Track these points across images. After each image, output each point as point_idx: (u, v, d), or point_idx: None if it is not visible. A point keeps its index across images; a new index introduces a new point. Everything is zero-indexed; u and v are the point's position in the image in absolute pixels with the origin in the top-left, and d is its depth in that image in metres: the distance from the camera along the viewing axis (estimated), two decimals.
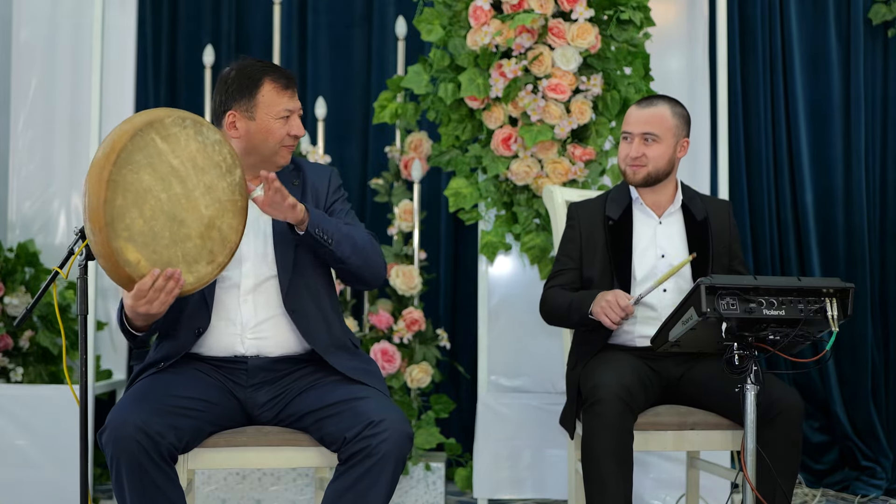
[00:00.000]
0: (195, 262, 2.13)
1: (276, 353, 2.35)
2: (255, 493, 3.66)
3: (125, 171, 2.01)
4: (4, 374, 3.77)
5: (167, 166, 2.08)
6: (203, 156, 2.13)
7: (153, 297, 2.06)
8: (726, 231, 2.86)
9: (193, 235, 2.12)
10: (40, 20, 4.14)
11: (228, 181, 2.18)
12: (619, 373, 2.55)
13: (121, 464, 2.06)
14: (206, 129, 2.15)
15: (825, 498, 3.97)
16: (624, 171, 2.81)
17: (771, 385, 2.50)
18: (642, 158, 2.77)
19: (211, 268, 2.16)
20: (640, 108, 2.80)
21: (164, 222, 2.07)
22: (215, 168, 2.15)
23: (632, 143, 2.78)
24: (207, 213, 2.14)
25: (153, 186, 2.05)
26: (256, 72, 2.34)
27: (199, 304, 2.31)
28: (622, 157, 2.81)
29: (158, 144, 2.06)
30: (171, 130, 2.09)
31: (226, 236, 2.17)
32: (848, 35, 4.33)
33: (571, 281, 2.83)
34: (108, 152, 2.01)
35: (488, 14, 3.42)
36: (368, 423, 2.13)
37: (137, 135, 2.04)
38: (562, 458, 3.61)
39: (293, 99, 2.37)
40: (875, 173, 4.36)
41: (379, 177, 4.09)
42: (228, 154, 2.18)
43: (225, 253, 2.17)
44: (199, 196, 2.12)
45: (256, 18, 4.51)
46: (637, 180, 2.79)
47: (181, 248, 2.10)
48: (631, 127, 2.79)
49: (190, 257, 2.12)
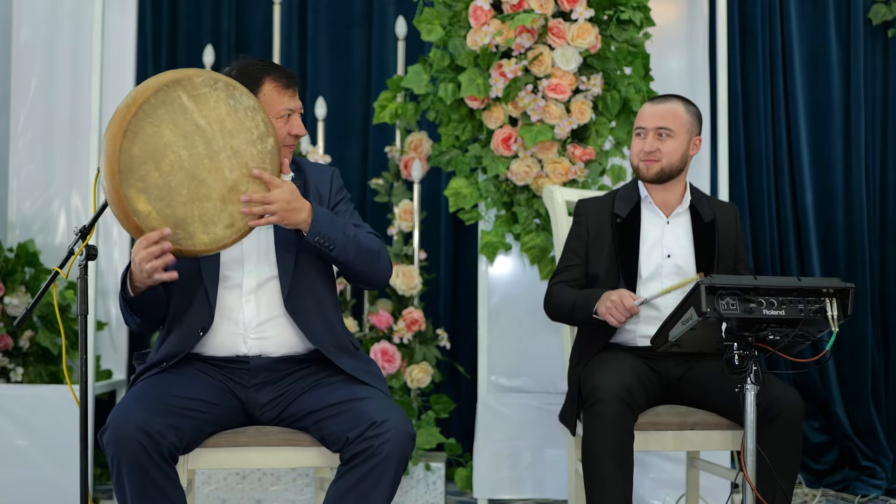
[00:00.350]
0: (212, 223, 2.11)
1: (278, 353, 2.35)
2: (255, 493, 3.66)
3: (145, 123, 2.01)
4: (4, 374, 3.77)
5: (192, 124, 2.06)
6: (233, 119, 2.11)
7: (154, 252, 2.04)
8: (732, 234, 2.86)
9: (214, 196, 2.10)
10: (40, 20, 4.14)
11: (259, 148, 2.15)
12: (620, 373, 2.55)
13: (121, 464, 2.06)
14: (239, 93, 2.13)
15: (825, 498, 3.97)
16: (637, 166, 2.80)
17: (771, 385, 2.50)
18: (656, 153, 2.76)
19: (229, 232, 2.13)
20: (654, 104, 2.81)
21: (181, 179, 2.06)
22: (245, 133, 2.13)
23: (645, 138, 2.77)
24: (231, 177, 2.11)
25: (174, 142, 2.04)
26: (257, 71, 2.34)
27: (202, 303, 2.31)
28: (635, 152, 2.80)
29: (185, 101, 2.05)
30: (200, 90, 2.08)
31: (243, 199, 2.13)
32: (848, 35, 4.33)
33: (577, 277, 2.83)
34: (130, 104, 2.01)
35: (488, 14, 3.42)
36: (371, 424, 2.13)
37: (163, 90, 2.03)
38: (562, 458, 3.61)
39: (294, 98, 2.36)
40: (875, 173, 4.36)
41: (379, 177, 4.09)
42: (262, 122, 2.16)
43: (246, 219, 2.15)
44: (224, 159, 2.10)
45: (256, 18, 4.51)
46: (650, 175, 2.79)
47: (198, 207, 2.08)
48: (645, 122, 2.78)
49: (207, 217, 2.10)
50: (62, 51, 4.13)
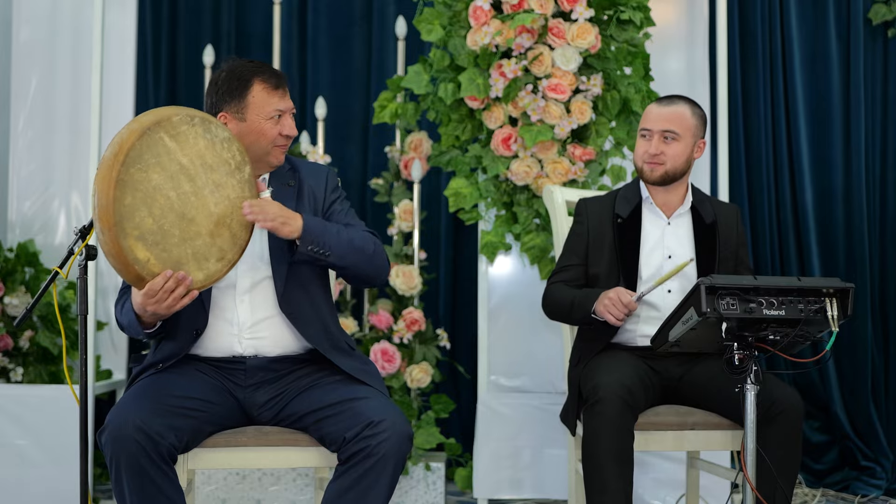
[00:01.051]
0: (205, 260, 2.13)
1: (275, 352, 2.35)
2: (255, 493, 3.66)
3: (133, 170, 2.02)
4: (4, 374, 3.77)
5: (176, 164, 2.08)
6: (212, 153, 2.14)
7: (162, 297, 2.07)
8: (734, 236, 2.86)
9: (203, 233, 2.12)
10: (40, 20, 4.14)
11: (238, 178, 2.18)
12: (620, 373, 2.55)
13: (120, 464, 2.06)
14: (214, 126, 2.16)
15: (825, 498, 3.97)
16: (640, 168, 2.80)
17: (771, 385, 2.50)
18: (661, 156, 2.75)
19: (221, 265, 2.16)
20: (661, 105, 2.79)
21: (173, 220, 2.08)
22: (224, 165, 2.16)
23: (650, 140, 2.77)
24: (217, 211, 2.14)
25: (162, 185, 2.06)
26: (246, 72, 2.33)
27: (196, 305, 2.30)
28: (639, 154, 2.79)
29: (167, 143, 2.07)
30: (179, 129, 2.09)
31: (235, 233, 2.18)
32: (848, 35, 4.33)
33: (576, 277, 2.83)
34: (117, 152, 2.01)
35: (488, 14, 3.42)
36: (368, 424, 2.13)
37: (146, 134, 2.04)
38: (562, 458, 3.61)
39: (284, 99, 2.36)
40: (875, 173, 4.36)
41: (379, 177, 4.09)
42: (237, 151, 2.19)
43: (235, 250, 2.18)
44: (208, 194, 2.13)
45: (256, 18, 4.51)
46: (654, 178, 2.78)
47: (191, 245, 2.11)
48: (650, 124, 2.77)
49: (200, 255, 2.12)
50: (62, 51, 4.13)
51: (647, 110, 2.82)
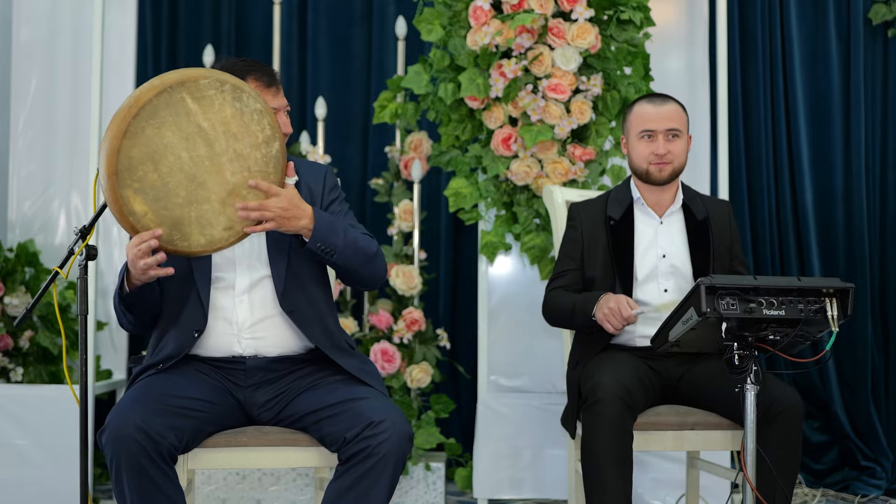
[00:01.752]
0: (209, 226, 2.11)
1: (274, 352, 2.35)
2: (255, 493, 3.66)
3: (146, 124, 2.01)
4: (4, 374, 3.77)
5: (194, 126, 2.06)
6: (238, 122, 2.10)
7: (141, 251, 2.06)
8: (727, 231, 2.86)
9: (213, 199, 2.10)
10: (40, 20, 4.14)
11: (264, 152, 2.14)
12: (619, 373, 2.55)
13: (121, 464, 2.06)
14: (246, 96, 2.12)
15: (825, 498, 3.97)
16: (646, 170, 2.78)
17: (771, 385, 2.50)
18: (668, 155, 2.75)
19: (227, 234, 2.13)
20: (657, 105, 2.78)
21: (180, 180, 2.06)
22: (250, 137, 2.12)
23: (656, 141, 2.76)
24: (233, 180, 2.11)
25: (174, 144, 2.04)
26: (239, 71, 2.33)
27: (195, 305, 2.31)
28: (643, 155, 2.77)
29: (188, 104, 2.05)
30: (205, 92, 2.07)
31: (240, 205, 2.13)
32: (848, 35, 4.33)
33: (574, 282, 2.83)
34: (132, 104, 2.01)
35: (488, 14, 3.42)
36: (368, 424, 2.13)
37: (166, 91, 2.03)
38: (562, 458, 3.61)
39: (277, 96, 2.36)
40: (875, 173, 4.36)
41: (379, 177, 4.09)
42: (268, 125, 2.14)
43: (246, 222, 2.15)
44: (225, 162, 2.10)
45: (256, 18, 4.51)
46: (663, 178, 2.78)
47: (196, 209, 2.09)
48: (653, 124, 2.76)
49: (204, 220, 2.10)
50: (62, 51, 4.13)
51: (641, 111, 2.79)
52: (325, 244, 2.23)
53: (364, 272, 2.35)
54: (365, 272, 2.35)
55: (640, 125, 2.78)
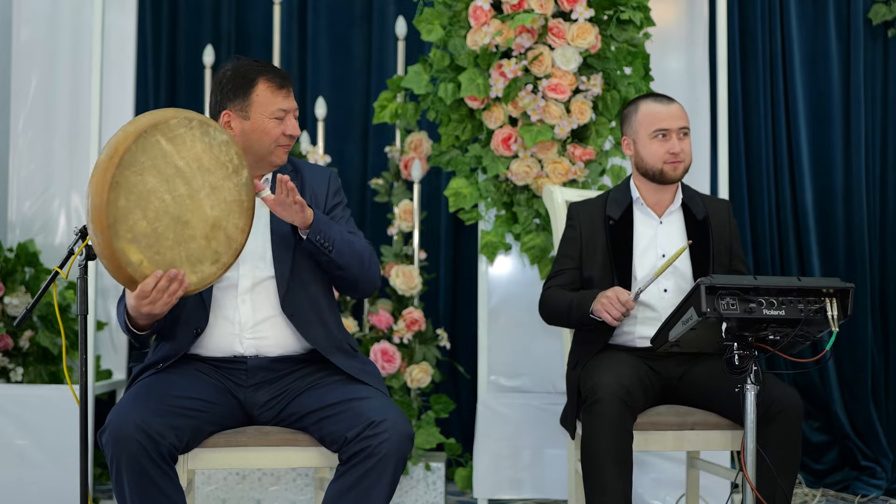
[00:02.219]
0: (199, 263, 2.13)
1: (276, 352, 2.35)
2: (255, 493, 3.66)
3: (128, 172, 2.01)
4: (4, 374, 3.77)
5: (172, 167, 2.07)
6: (209, 156, 2.13)
7: (156, 297, 2.06)
8: (726, 230, 2.86)
9: (198, 236, 2.12)
10: (40, 20, 4.14)
11: (235, 182, 2.17)
12: (619, 373, 2.55)
13: (121, 464, 2.06)
14: (213, 129, 2.14)
15: (825, 498, 3.97)
16: (661, 169, 2.77)
17: (771, 385, 2.50)
18: (681, 154, 2.76)
19: (215, 268, 2.15)
20: (666, 104, 2.78)
21: (167, 223, 2.07)
22: (221, 168, 2.15)
23: (670, 140, 2.75)
24: (213, 214, 2.13)
25: (157, 188, 2.05)
26: (251, 71, 2.34)
27: (196, 304, 2.31)
28: (658, 155, 2.76)
29: (164, 146, 2.06)
30: (176, 132, 2.08)
31: (231, 236, 2.16)
32: (848, 35, 4.33)
33: (571, 281, 2.83)
34: (112, 154, 2.01)
35: (488, 14, 3.42)
36: (369, 424, 2.13)
37: (142, 136, 2.03)
38: (562, 458, 3.61)
39: (288, 98, 2.36)
40: (875, 173, 4.36)
41: (379, 177, 4.09)
42: (235, 155, 2.17)
43: (230, 253, 2.17)
44: (203, 197, 2.12)
45: (256, 18, 4.51)
46: (678, 175, 2.78)
47: (185, 248, 2.10)
48: (667, 123, 2.75)
49: (194, 258, 2.11)
50: (62, 51, 4.13)
51: (651, 111, 2.78)
52: (324, 237, 2.25)
53: (358, 276, 2.36)
54: (359, 276, 2.37)
55: (654, 124, 2.77)
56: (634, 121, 2.82)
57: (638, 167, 2.83)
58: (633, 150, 2.84)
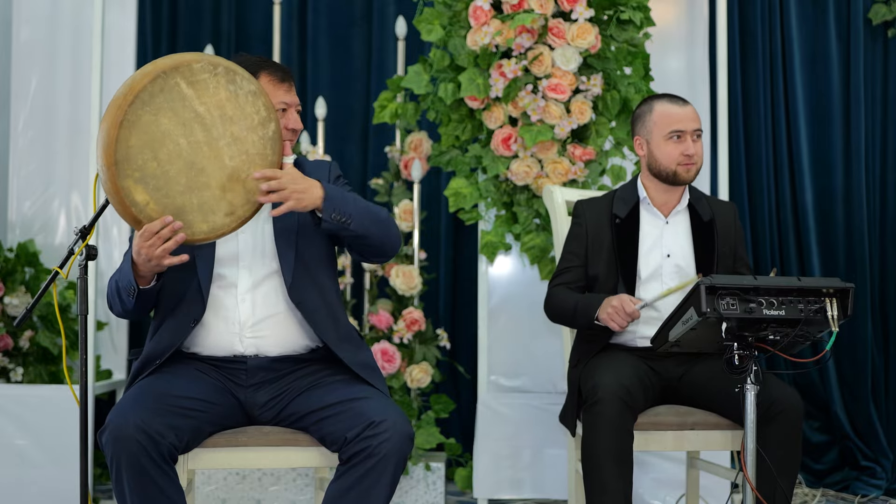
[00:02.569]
0: (211, 212, 2.08)
1: (276, 352, 2.35)
2: (255, 493, 3.66)
3: (142, 112, 1.98)
4: (4, 374, 3.77)
5: (190, 112, 2.03)
6: (233, 105, 2.08)
7: (156, 242, 2.04)
8: (731, 233, 2.86)
9: (213, 185, 2.07)
10: (40, 20, 4.14)
11: (260, 134, 2.12)
12: (619, 373, 2.55)
13: (121, 464, 2.06)
14: (240, 78, 2.10)
15: (825, 498, 3.97)
16: (675, 171, 2.76)
17: (771, 385, 2.50)
18: (695, 156, 2.76)
19: (229, 220, 2.11)
20: (681, 106, 2.78)
21: (180, 168, 2.03)
22: (246, 119, 2.10)
23: (685, 142, 2.75)
24: (231, 164, 2.08)
25: (172, 130, 2.01)
26: (252, 65, 2.33)
27: (194, 296, 2.30)
28: (672, 156, 2.75)
29: (183, 89, 2.02)
30: (199, 76, 2.04)
31: (250, 189, 2.11)
32: (848, 35, 4.33)
33: (577, 279, 2.83)
34: (126, 92, 1.97)
35: (488, 14, 3.42)
36: (369, 424, 2.13)
37: (160, 77, 1.99)
38: (562, 458, 3.61)
39: (289, 93, 2.36)
40: (875, 173, 4.36)
41: (379, 177, 4.09)
42: (263, 106, 2.12)
43: (247, 207, 2.12)
44: (223, 146, 2.07)
45: (256, 18, 4.51)
46: (690, 177, 2.78)
47: (197, 195, 2.06)
48: (683, 125, 2.75)
49: (206, 206, 2.07)
50: (62, 51, 4.13)
51: (667, 112, 2.77)
52: (340, 213, 2.19)
53: (381, 238, 2.30)
54: (383, 238, 2.30)
55: (670, 126, 2.76)
56: (649, 121, 2.80)
57: (650, 167, 2.82)
58: (645, 151, 2.82)
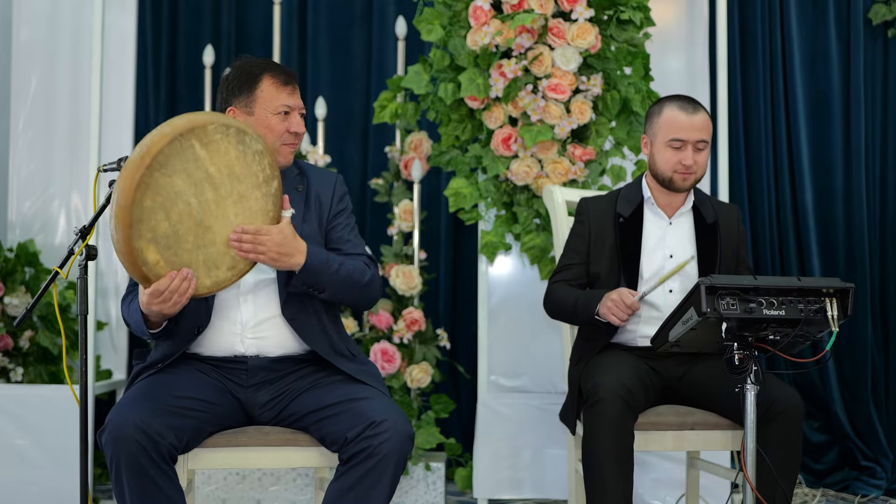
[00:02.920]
0: (215, 267, 2.14)
1: (276, 352, 2.35)
2: (255, 493, 3.66)
3: (158, 174, 2.01)
4: (4, 374, 3.77)
5: (203, 172, 2.08)
6: (241, 164, 2.14)
7: (168, 296, 2.08)
8: (734, 235, 2.86)
9: (218, 241, 2.13)
10: (40, 20, 4.14)
11: (263, 191, 2.18)
12: (620, 372, 2.55)
13: (121, 464, 2.06)
14: (249, 138, 2.15)
15: (825, 498, 3.97)
16: (671, 178, 2.74)
17: (771, 385, 2.50)
18: (694, 166, 2.72)
19: (230, 274, 2.18)
20: (689, 114, 2.72)
21: (189, 226, 2.08)
22: (252, 177, 2.16)
23: (685, 151, 2.71)
24: (236, 221, 2.15)
25: (185, 191, 2.06)
26: (256, 68, 2.35)
27: (199, 303, 2.31)
28: (671, 163, 2.72)
29: (197, 151, 2.06)
30: (213, 137, 2.09)
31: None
32: (848, 35, 4.33)
33: (578, 276, 2.83)
34: (144, 154, 2.01)
35: (488, 14, 3.42)
36: (370, 424, 2.13)
37: (177, 140, 2.03)
38: (562, 458, 3.61)
39: (293, 96, 2.37)
40: (875, 173, 4.36)
41: (379, 177, 4.09)
42: (268, 165, 2.18)
43: (247, 261, 2.19)
44: (230, 204, 2.13)
45: (256, 18, 4.51)
46: (686, 187, 2.76)
47: (203, 252, 2.11)
48: (685, 134, 2.70)
49: (210, 262, 2.13)
50: (62, 51, 4.13)
51: (673, 118, 2.73)
52: (312, 285, 2.28)
53: (355, 301, 2.41)
54: (357, 301, 2.41)
55: (671, 133, 2.72)
56: (655, 123, 2.78)
57: (650, 169, 2.81)
58: (649, 151, 2.82)
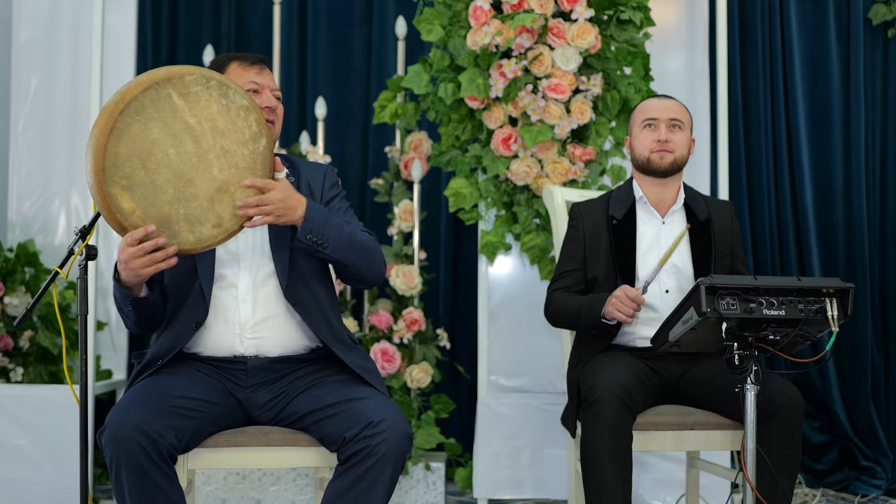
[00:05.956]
0: (198, 223, 2.10)
1: (276, 352, 2.35)
2: (255, 493, 3.66)
3: (132, 120, 2.00)
4: (4, 374, 3.77)
5: (181, 123, 2.05)
6: (225, 118, 2.10)
7: (137, 252, 2.06)
8: (728, 231, 2.86)
9: (200, 196, 2.09)
10: (40, 20, 4.14)
11: (251, 149, 2.14)
12: (618, 373, 2.55)
13: (120, 464, 2.06)
14: (233, 92, 2.12)
15: (825, 498, 3.97)
16: (648, 158, 2.80)
17: (770, 381, 2.50)
18: (670, 143, 2.78)
19: (216, 231, 2.13)
20: (660, 99, 2.86)
21: (168, 178, 2.05)
22: (237, 133, 2.12)
23: (658, 129, 2.78)
24: (220, 177, 2.11)
25: (161, 141, 2.03)
26: (225, 57, 2.39)
27: (196, 299, 2.31)
28: (646, 144, 2.80)
29: (175, 100, 2.04)
30: (191, 88, 2.06)
31: (238, 203, 2.13)
32: (848, 35, 4.33)
33: (576, 282, 2.83)
34: (118, 101, 2.00)
35: (488, 14, 3.42)
36: (368, 424, 2.13)
37: (152, 88, 2.02)
38: (562, 458, 3.62)
39: (261, 75, 2.37)
40: (875, 173, 4.36)
41: (379, 177, 4.09)
42: (255, 122, 2.15)
43: (235, 220, 2.14)
44: (213, 158, 2.09)
45: (256, 18, 4.51)
46: (664, 166, 2.79)
47: (184, 206, 2.08)
48: (657, 113, 2.80)
49: (193, 217, 2.09)
50: (62, 51, 4.13)
51: (644, 105, 2.86)
52: (316, 235, 2.22)
53: (361, 267, 2.33)
54: (362, 267, 2.34)
55: (643, 115, 2.83)
56: (632, 118, 2.89)
57: (633, 162, 2.87)
58: (630, 148, 2.88)
